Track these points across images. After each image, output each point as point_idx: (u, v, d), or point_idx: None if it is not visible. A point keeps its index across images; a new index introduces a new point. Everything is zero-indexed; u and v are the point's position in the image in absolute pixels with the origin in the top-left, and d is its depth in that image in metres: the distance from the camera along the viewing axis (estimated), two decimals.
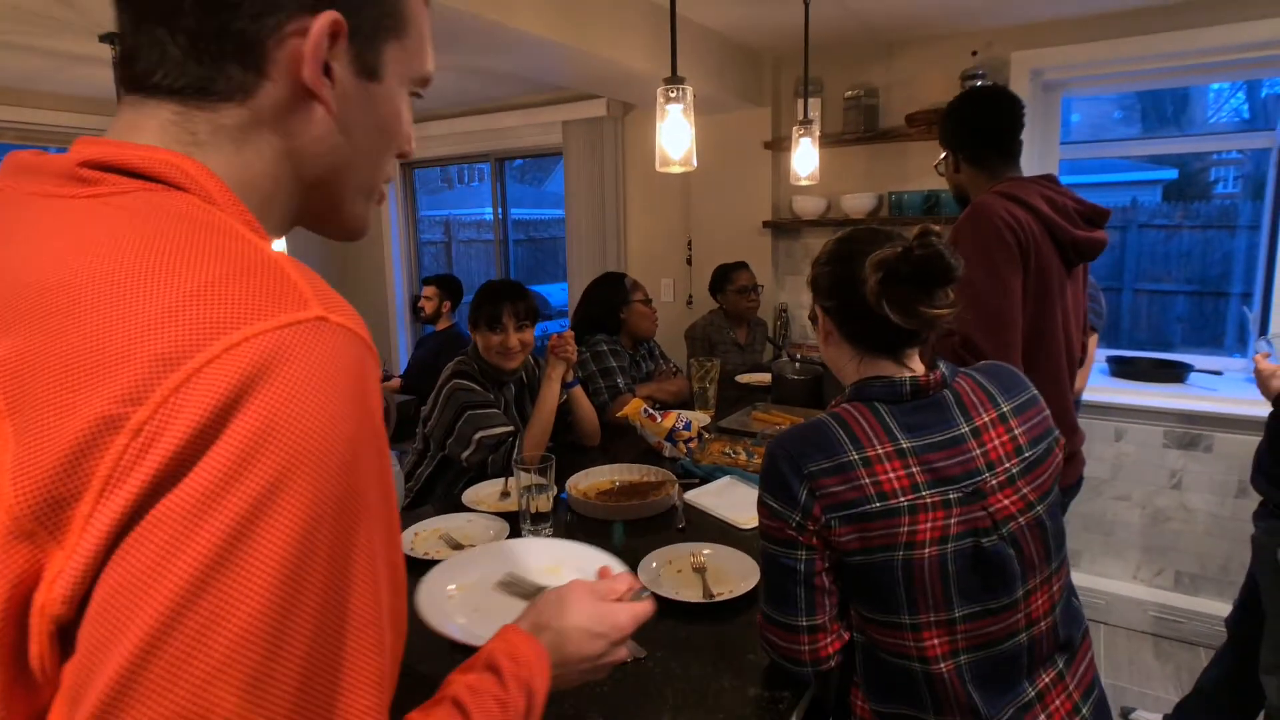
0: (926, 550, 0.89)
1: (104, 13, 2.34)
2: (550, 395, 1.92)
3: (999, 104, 1.66)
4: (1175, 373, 2.79)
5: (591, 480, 1.76)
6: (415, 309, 3.91)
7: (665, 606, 1.21)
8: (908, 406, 0.96)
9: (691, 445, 1.92)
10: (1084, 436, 1.70)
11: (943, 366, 1.00)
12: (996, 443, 0.96)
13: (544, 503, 1.53)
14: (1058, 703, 0.96)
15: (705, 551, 1.37)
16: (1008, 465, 0.95)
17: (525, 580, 1.09)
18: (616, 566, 1.00)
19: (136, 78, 0.45)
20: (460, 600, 1.08)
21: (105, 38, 2.57)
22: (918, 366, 1.01)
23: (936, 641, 0.90)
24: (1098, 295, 2.21)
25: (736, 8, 2.60)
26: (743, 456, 1.86)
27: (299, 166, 0.49)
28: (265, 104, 0.46)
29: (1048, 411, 1.05)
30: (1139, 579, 2.71)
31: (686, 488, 1.71)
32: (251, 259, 0.38)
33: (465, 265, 6.78)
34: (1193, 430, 2.55)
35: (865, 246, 0.98)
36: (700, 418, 2.22)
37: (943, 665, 0.90)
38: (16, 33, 2.54)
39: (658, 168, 1.68)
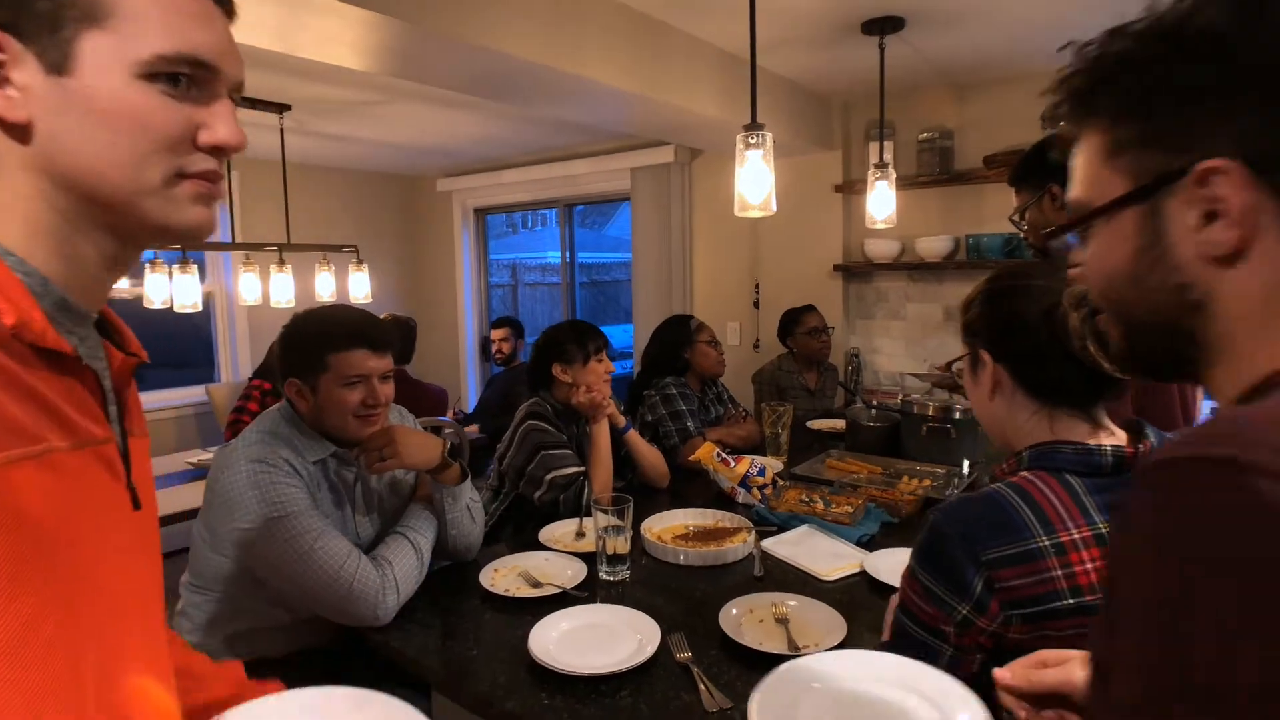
0: None
1: None
2: (601, 435, 1.95)
3: None
4: None
5: (665, 524, 1.74)
6: (485, 350, 4.01)
7: (749, 658, 1.18)
8: (1106, 481, 0.80)
9: (766, 492, 1.89)
10: None
11: (1150, 433, 0.84)
12: None
13: (621, 544, 1.52)
14: None
15: (790, 603, 1.33)
16: None
17: None
18: None
19: None
20: None
21: None
22: (1114, 429, 0.86)
23: None
24: None
25: (808, 54, 2.63)
26: (820, 505, 1.81)
27: (40, 182, 0.47)
28: None
29: None
30: None
31: (762, 535, 1.67)
32: None
33: (530, 307, 6.95)
34: None
35: (1034, 279, 0.86)
36: (773, 464, 2.18)
37: None
38: None
39: (736, 212, 1.69)
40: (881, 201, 2.38)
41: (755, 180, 1.65)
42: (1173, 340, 0.47)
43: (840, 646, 1.19)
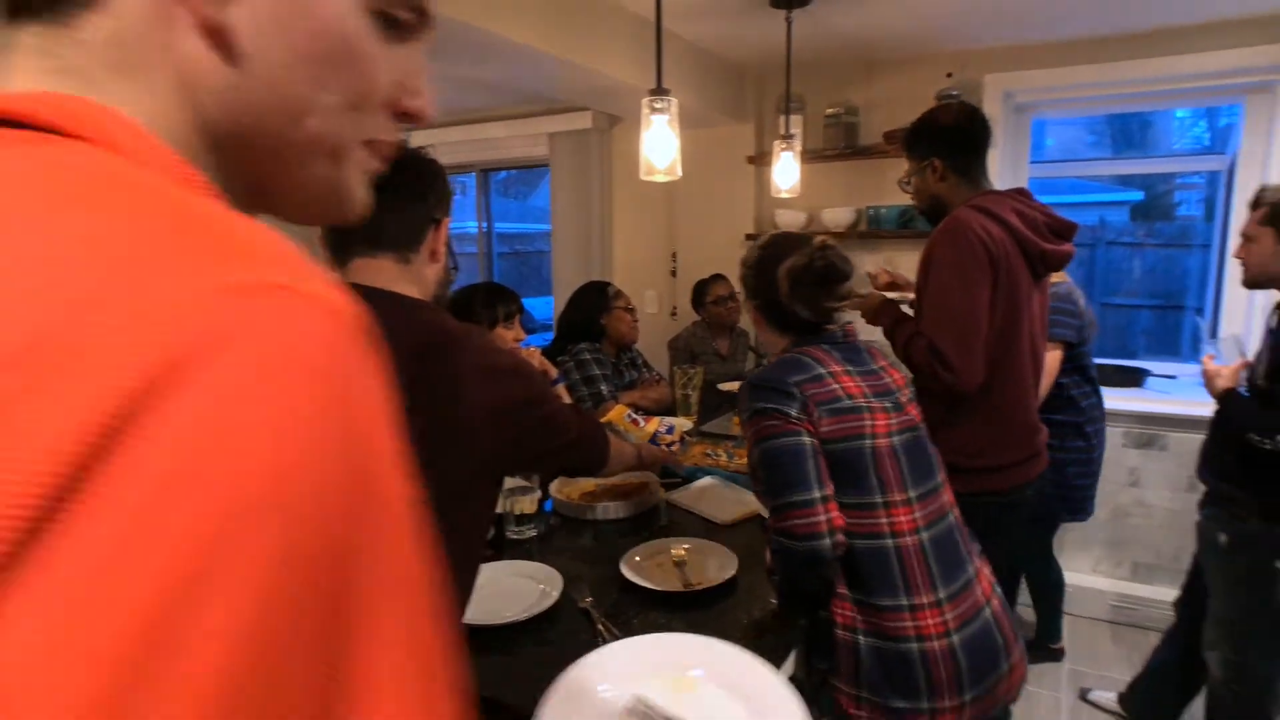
0: (885, 440, 1.18)
1: None
2: None
3: (977, 116, 1.74)
4: (1134, 377, 2.90)
5: (575, 485, 1.78)
6: None
7: (646, 597, 1.25)
8: (840, 346, 1.26)
9: (674, 449, 1.96)
10: (1046, 435, 1.77)
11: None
12: (891, 377, 1.28)
13: (529, 504, 1.55)
14: (984, 583, 1.23)
15: (685, 546, 1.40)
16: (905, 392, 1.28)
17: (658, 709, 0.91)
18: (758, 665, 0.98)
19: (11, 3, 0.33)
20: None
21: None
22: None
23: (904, 518, 1.15)
24: (1082, 311, 2.28)
25: (720, 23, 2.67)
26: (724, 458, 1.90)
27: (199, 106, 0.33)
28: (128, 7, 0.31)
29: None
30: (1099, 571, 2.82)
31: (669, 488, 1.74)
32: (174, 210, 0.26)
33: None
34: (1149, 431, 2.66)
35: (779, 252, 1.28)
36: (683, 423, 2.25)
37: (909, 540, 1.14)
38: None
39: (642, 176, 1.73)
40: (786, 172, 2.46)
41: (661, 145, 1.69)
42: None
43: (732, 581, 1.28)
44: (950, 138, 1.73)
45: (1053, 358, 2.13)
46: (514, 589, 1.29)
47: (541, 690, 1.01)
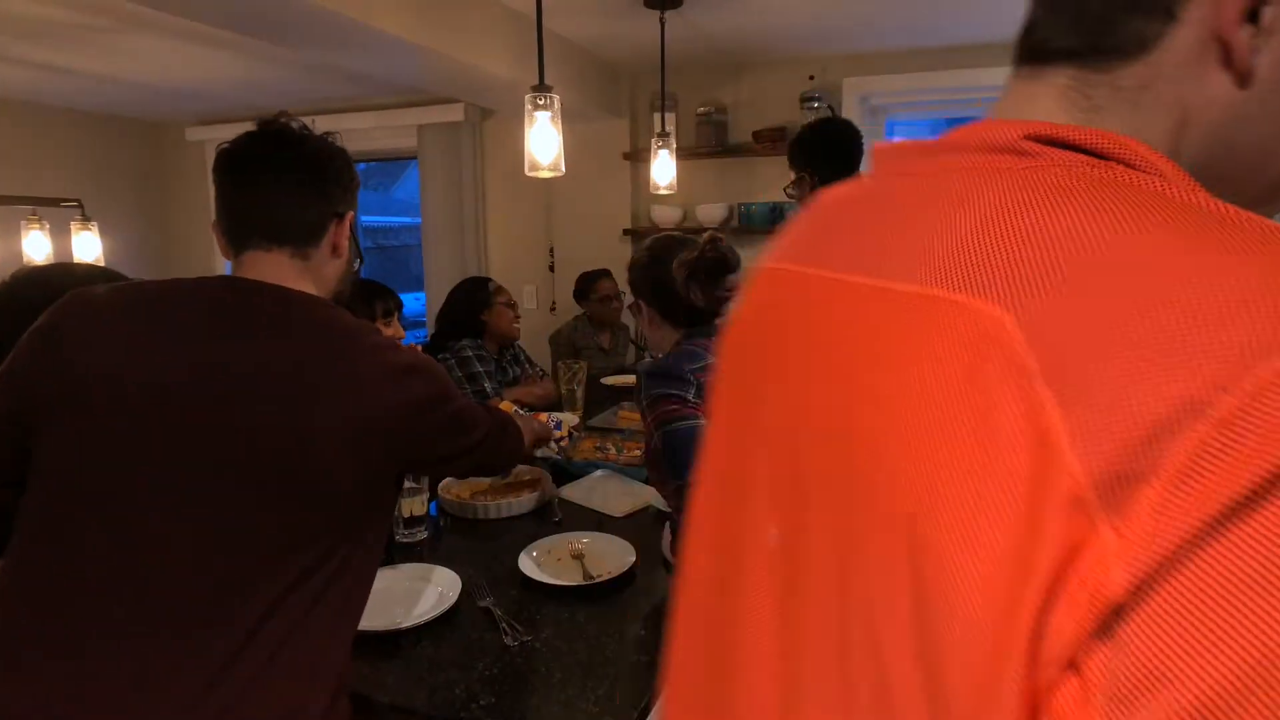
0: None
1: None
2: None
3: (847, 134, 1.89)
4: None
5: (465, 483, 1.75)
6: None
7: (547, 592, 1.26)
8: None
9: (563, 444, 1.97)
10: None
11: None
12: None
13: (418, 506, 1.51)
14: None
15: (583, 540, 1.42)
16: None
17: None
18: None
19: (1033, 47, 0.41)
20: None
21: None
22: None
23: None
24: None
25: (595, 21, 2.69)
26: (613, 451, 1.94)
27: (1183, 138, 0.39)
28: (1167, 57, 0.37)
29: None
30: None
31: (560, 483, 1.75)
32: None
33: None
34: None
35: (666, 252, 1.34)
36: (570, 418, 2.27)
37: None
38: None
39: (527, 172, 1.72)
40: (663, 169, 2.53)
41: (544, 141, 1.69)
42: None
43: (630, 572, 1.31)
44: (821, 152, 1.87)
45: None
46: (410, 593, 1.25)
47: (447, 694, 1.00)
